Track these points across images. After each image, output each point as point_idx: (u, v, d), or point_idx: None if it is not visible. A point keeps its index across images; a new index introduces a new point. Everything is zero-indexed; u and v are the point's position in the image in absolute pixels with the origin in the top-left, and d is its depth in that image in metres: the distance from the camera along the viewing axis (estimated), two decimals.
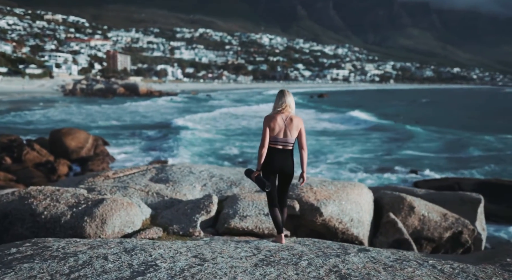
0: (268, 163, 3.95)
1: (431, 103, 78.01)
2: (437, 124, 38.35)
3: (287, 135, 3.91)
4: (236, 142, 27.02)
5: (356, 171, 19.66)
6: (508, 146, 27.37)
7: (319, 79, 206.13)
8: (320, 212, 5.71)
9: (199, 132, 29.88)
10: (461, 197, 8.49)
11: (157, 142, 26.22)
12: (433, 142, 28.32)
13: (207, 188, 6.76)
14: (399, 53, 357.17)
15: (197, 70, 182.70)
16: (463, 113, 55.07)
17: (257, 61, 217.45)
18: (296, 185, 6.38)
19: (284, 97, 3.98)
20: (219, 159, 21.81)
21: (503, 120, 45.35)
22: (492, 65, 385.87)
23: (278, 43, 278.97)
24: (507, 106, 72.15)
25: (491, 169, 20.73)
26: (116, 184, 6.99)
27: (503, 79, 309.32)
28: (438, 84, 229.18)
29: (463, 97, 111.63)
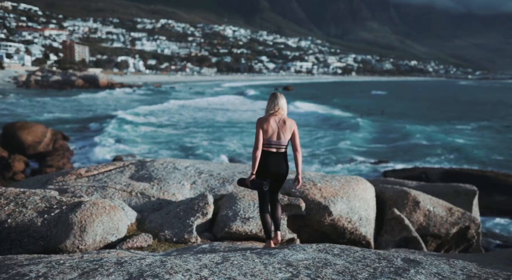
0: (262, 167, 3.90)
1: (389, 95, 79.53)
2: (390, 116, 39.10)
3: (281, 137, 3.89)
4: (175, 134, 26.27)
5: (322, 163, 19.26)
6: (454, 135, 27.93)
7: (283, 71, 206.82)
8: (329, 211, 5.17)
9: (137, 126, 28.91)
10: (455, 188, 8.22)
11: (94, 134, 25.02)
12: (377, 133, 28.43)
13: (197, 186, 6.06)
14: (360, 46, 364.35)
15: (160, 62, 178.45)
16: (417, 104, 56.40)
17: (220, 53, 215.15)
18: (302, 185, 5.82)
19: (277, 100, 3.97)
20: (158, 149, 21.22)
21: (458, 111, 46.83)
22: (446, 59, 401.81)
23: (241, 35, 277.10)
24: (462, 98, 74.67)
25: (445, 158, 20.90)
26: (92, 183, 6.15)
27: (456, 72, 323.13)
28: (397, 76, 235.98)
29: (420, 89, 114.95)
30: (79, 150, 20.99)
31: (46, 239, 4.56)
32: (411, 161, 19.93)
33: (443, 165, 19.35)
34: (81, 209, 4.68)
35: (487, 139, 26.08)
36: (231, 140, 24.40)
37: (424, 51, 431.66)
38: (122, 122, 29.68)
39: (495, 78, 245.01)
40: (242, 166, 7.54)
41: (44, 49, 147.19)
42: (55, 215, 4.71)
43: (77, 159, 19.13)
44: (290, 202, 5.14)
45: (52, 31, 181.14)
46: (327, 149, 22.16)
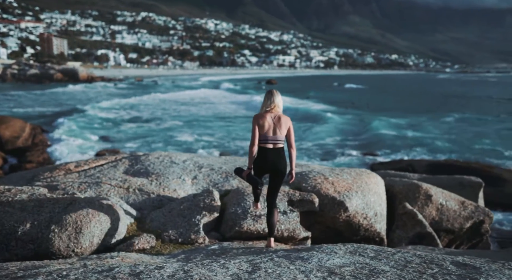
0: (260, 163, 3.95)
1: (365, 89, 79.60)
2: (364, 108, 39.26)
3: (277, 132, 3.93)
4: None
5: (309, 157, 18.95)
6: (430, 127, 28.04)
7: (266, 65, 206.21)
8: (345, 207, 4.82)
9: (119, 121, 28.25)
10: (460, 181, 8.02)
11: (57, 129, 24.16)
12: (350, 126, 28.25)
13: (199, 181, 5.64)
14: (341, 40, 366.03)
15: (141, 56, 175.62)
16: (394, 98, 56.51)
17: (203, 47, 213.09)
18: (307, 175, 5.45)
19: (273, 97, 4.02)
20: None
21: (432, 104, 47.23)
22: (426, 53, 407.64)
23: (223, 28, 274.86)
24: (439, 91, 75.46)
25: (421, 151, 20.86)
26: (84, 179, 5.66)
27: (435, 66, 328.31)
28: (379, 70, 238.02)
29: (400, 82, 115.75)
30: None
31: (36, 242, 4.10)
32: (393, 153, 19.82)
33: (421, 157, 19.26)
34: (75, 208, 4.23)
35: (460, 131, 26.18)
36: (217, 134, 23.94)
37: (405, 45, 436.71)
38: (98, 117, 28.93)
39: (473, 72, 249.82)
40: (242, 159, 7.15)
41: (20, 42, 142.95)
42: (46, 215, 4.24)
43: (59, 156, 18.38)
44: (303, 198, 4.79)
45: (29, 23, 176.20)
46: (311, 143, 21.78)
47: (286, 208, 4.60)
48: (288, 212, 4.52)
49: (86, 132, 23.30)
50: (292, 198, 4.79)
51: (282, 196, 4.80)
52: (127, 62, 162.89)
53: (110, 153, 19.04)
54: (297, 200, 4.77)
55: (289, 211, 4.54)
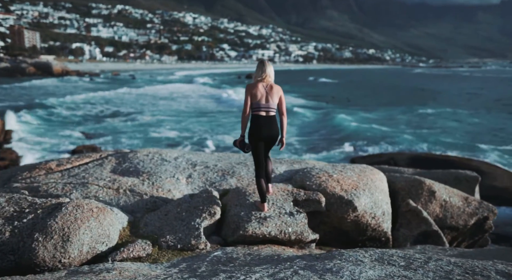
0: (255, 131, 4.11)
1: (337, 83, 79.84)
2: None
3: (269, 100, 4.09)
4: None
5: (292, 153, 18.69)
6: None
7: (245, 59, 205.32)
8: (354, 206, 4.53)
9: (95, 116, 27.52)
10: (456, 175, 7.85)
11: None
12: (317, 122, 28.23)
13: (194, 180, 5.26)
14: (320, 35, 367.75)
15: (118, 50, 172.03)
16: (365, 92, 56.67)
17: (181, 41, 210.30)
18: (309, 172, 5.15)
19: (264, 67, 4.19)
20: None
21: (406, 98, 47.80)
22: (402, 47, 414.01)
23: (202, 22, 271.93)
24: (414, 85, 76.37)
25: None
26: (68, 179, 5.20)
27: (411, 61, 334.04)
28: (357, 64, 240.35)
29: (377, 76, 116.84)
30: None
31: (17, 252, 3.66)
32: (369, 146, 19.77)
33: (390, 150, 19.26)
34: (62, 213, 3.80)
35: (433, 125, 26.36)
36: (198, 129, 23.47)
37: (381, 40, 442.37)
38: (73, 112, 28.02)
39: (447, 66, 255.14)
40: (236, 155, 6.79)
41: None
42: (28, 222, 3.80)
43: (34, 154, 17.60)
44: (308, 197, 4.47)
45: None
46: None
47: (292, 209, 4.28)
48: (295, 214, 4.19)
49: (60, 128, 22.50)
50: (297, 197, 4.48)
51: (287, 196, 4.48)
52: (103, 56, 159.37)
53: (88, 149, 18.39)
54: (303, 200, 4.46)
55: (295, 212, 4.22)
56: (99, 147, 18.69)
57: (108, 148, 18.56)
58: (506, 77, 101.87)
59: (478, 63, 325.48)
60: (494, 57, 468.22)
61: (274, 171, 5.51)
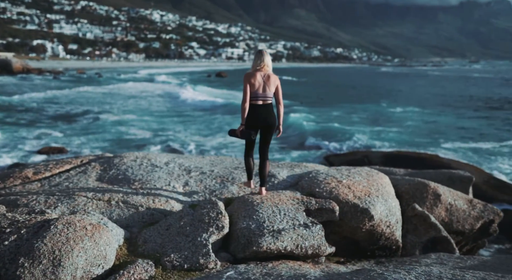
0: (252, 118, 4.23)
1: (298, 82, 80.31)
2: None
3: (266, 90, 4.21)
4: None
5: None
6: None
7: (215, 58, 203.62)
8: (370, 215, 4.23)
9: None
10: (449, 175, 7.78)
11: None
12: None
13: (192, 189, 4.82)
14: (289, 33, 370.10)
15: (82, 47, 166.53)
16: (327, 90, 57.27)
17: (148, 39, 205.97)
18: (315, 177, 4.83)
19: (262, 56, 4.26)
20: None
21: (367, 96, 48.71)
22: (368, 46, 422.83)
23: (170, 20, 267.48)
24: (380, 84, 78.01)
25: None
26: (50, 190, 4.66)
27: (377, 59, 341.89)
28: (325, 63, 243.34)
29: (341, 74, 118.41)
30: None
31: None
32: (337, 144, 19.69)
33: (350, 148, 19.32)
34: (51, 233, 3.31)
35: (401, 123, 26.75)
36: (178, 130, 22.82)
37: (348, 39, 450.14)
38: (35, 111, 26.76)
39: (411, 65, 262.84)
40: (229, 159, 6.40)
41: None
42: (10, 244, 3.29)
43: None
44: (321, 206, 4.15)
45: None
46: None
47: (306, 220, 3.94)
48: (310, 225, 3.85)
49: (23, 128, 21.32)
50: (309, 206, 4.15)
51: (298, 205, 4.15)
52: (66, 54, 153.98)
53: (54, 150, 17.48)
54: (315, 209, 4.13)
55: (310, 224, 3.88)
56: (64, 147, 17.84)
57: (74, 149, 17.74)
58: (465, 76, 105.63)
59: (440, 62, 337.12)
60: (454, 56, 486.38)
61: (276, 176, 5.17)
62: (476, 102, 40.01)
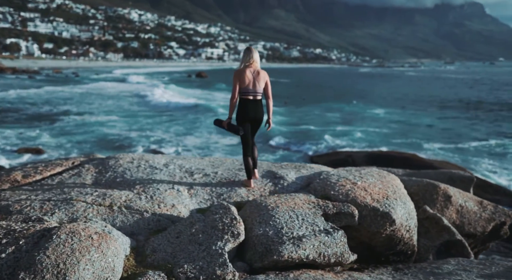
0: (242, 112, 4.42)
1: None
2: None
3: (256, 86, 4.38)
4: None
5: (233, 154, 17.87)
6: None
7: (194, 58, 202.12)
8: (391, 220, 3.99)
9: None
10: (450, 175, 7.66)
11: None
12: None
13: (198, 192, 4.54)
14: (268, 34, 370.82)
15: (58, 46, 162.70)
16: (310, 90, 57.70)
17: (127, 38, 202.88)
18: (328, 179, 4.62)
19: (251, 53, 4.43)
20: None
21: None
22: (346, 47, 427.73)
23: (148, 19, 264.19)
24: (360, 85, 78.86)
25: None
26: (44, 194, 4.29)
27: (356, 60, 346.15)
28: (305, 64, 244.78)
29: (322, 75, 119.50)
30: None
31: None
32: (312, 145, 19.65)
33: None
34: (53, 243, 2.98)
35: (384, 124, 26.99)
36: (159, 130, 22.33)
37: (327, 39, 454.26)
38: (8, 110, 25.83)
39: (389, 66, 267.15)
40: (229, 160, 6.13)
41: None
42: (8, 257, 2.95)
43: None
44: (339, 210, 3.92)
45: None
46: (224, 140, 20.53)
47: (326, 225, 3.70)
48: (331, 231, 3.61)
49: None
50: (327, 210, 3.92)
51: (314, 209, 3.91)
52: (42, 53, 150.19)
53: (32, 151, 16.89)
54: (333, 214, 3.90)
55: (331, 229, 3.64)
56: (41, 148, 17.25)
57: (48, 150, 17.19)
58: (442, 77, 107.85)
59: (417, 63, 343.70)
60: (430, 57, 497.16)
61: (285, 178, 4.94)
62: (452, 103, 40.67)
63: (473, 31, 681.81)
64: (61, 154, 16.86)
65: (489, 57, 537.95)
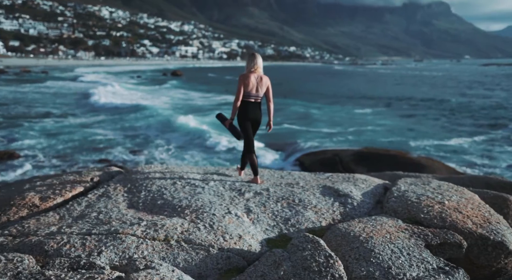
0: (243, 113, 4.69)
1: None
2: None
3: (258, 90, 4.67)
4: None
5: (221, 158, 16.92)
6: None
7: (168, 56, 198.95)
8: (508, 251, 3.33)
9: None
10: (486, 181, 7.28)
11: None
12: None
13: (259, 217, 3.85)
14: (242, 32, 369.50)
15: (25, 44, 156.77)
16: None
17: (98, 36, 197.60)
18: (408, 198, 4.04)
19: (256, 59, 4.70)
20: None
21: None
22: (320, 45, 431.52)
23: (120, 17, 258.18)
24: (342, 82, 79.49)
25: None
26: (78, 224, 3.52)
27: (330, 58, 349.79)
28: (280, 61, 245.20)
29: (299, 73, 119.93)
30: None
31: None
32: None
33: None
34: None
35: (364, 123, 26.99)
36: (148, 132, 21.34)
37: (301, 37, 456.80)
38: None
39: (362, 64, 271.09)
40: (266, 172, 5.48)
41: None
42: None
43: None
44: (444, 240, 3.31)
45: None
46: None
47: (439, 262, 3.04)
48: (449, 271, 2.94)
49: None
50: (428, 240, 3.32)
51: (414, 240, 3.29)
52: (7, 51, 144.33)
53: (4, 155, 15.75)
54: (437, 244, 3.31)
55: (448, 268, 2.99)
56: (14, 151, 16.11)
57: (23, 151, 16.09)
58: (413, 74, 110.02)
59: (388, 61, 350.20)
60: (401, 55, 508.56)
61: (351, 196, 4.33)
62: (426, 101, 41.05)
63: (441, 29, 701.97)
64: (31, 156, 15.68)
65: (456, 55, 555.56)
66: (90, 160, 15.61)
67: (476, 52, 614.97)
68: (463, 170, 15.35)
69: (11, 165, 14.78)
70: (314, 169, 15.89)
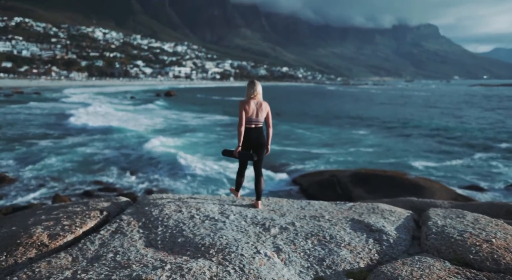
0: (246, 139, 4.83)
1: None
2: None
3: (258, 116, 4.83)
4: None
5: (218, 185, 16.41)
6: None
7: (161, 76, 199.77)
8: None
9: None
10: (508, 208, 7.01)
11: None
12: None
13: (291, 258, 3.54)
14: (235, 52, 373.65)
15: (18, 65, 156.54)
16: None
17: (91, 57, 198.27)
18: (450, 234, 3.77)
19: (255, 86, 4.88)
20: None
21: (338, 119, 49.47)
22: (312, 66, 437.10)
23: (113, 38, 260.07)
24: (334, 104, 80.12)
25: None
26: (95, 268, 3.19)
27: (322, 78, 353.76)
28: (273, 82, 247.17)
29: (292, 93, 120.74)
30: None
31: None
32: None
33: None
34: None
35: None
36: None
37: (293, 58, 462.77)
38: None
39: (354, 84, 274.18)
40: (285, 202, 5.20)
41: None
42: None
43: None
44: None
45: None
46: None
47: None
48: None
49: None
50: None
51: None
52: (0, 72, 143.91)
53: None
54: None
55: None
56: (5, 173, 15.72)
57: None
58: (407, 94, 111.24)
59: (379, 81, 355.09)
60: (391, 76, 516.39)
61: (385, 232, 4.04)
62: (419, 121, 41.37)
63: (430, 51, 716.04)
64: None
65: (445, 76, 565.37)
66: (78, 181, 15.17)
67: (464, 73, 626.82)
68: (462, 192, 15.19)
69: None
70: (313, 191, 15.57)
